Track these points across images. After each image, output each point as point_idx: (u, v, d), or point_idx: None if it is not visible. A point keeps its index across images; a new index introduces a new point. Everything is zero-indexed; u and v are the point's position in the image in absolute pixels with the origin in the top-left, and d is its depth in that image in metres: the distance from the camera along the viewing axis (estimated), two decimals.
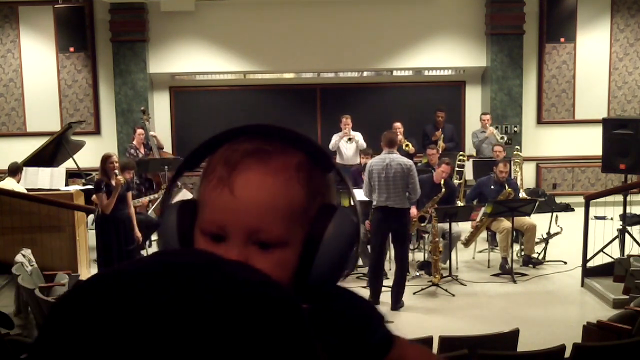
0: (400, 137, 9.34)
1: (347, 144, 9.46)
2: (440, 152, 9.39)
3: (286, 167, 0.85)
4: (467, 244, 7.50)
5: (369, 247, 6.90)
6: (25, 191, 7.22)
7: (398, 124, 9.40)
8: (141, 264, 0.57)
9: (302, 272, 0.85)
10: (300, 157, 0.87)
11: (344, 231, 0.87)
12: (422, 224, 7.20)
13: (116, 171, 6.49)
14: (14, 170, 7.37)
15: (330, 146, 9.52)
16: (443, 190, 7.14)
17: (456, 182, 8.99)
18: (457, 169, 9.24)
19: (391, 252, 6.77)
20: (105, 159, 7.44)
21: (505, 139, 9.64)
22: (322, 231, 0.86)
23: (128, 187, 6.69)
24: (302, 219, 0.86)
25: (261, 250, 0.84)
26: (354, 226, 0.89)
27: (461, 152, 9.43)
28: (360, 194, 6.83)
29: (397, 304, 6.17)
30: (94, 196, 6.76)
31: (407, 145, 9.27)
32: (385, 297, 6.29)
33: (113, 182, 6.40)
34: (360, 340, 0.95)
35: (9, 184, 7.16)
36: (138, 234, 6.60)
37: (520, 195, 7.94)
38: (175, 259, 0.58)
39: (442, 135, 9.78)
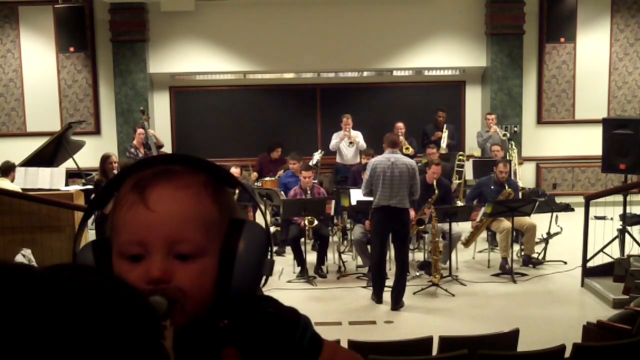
0: (401, 137, 9.35)
1: (349, 147, 9.47)
2: (446, 149, 9.43)
3: (194, 183, 0.90)
4: (467, 244, 7.50)
5: (369, 247, 6.91)
6: (20, 190, 7.22)
7: (400, 124, 9.42)
8: None
9: (222, 284, 0.90)
10: (204, 176, 0.92)
11: (256, 241, 0.92)
12: (421, 227, 7.20)
13: (115, 171, 6.49)
14: (6, 170, 7.37)
15: (331, 147, 9.53)
16: (436, 191, 7.14)
17: (456, 182, 9.00)
18: (456, 168, 9.24)
19: (391, 252, 6.77)
20: (105, 159, 7.45)
21: (508, 135, 9.66)
22: (236, 244, 0.90)
23: None
24: (216, 232, 0.90)
25: (182, 262, 0.87)
26: (265, 234, 0.94)
27: (460, 152, 9.43)
28: (359, 193, 6.85)
29: (397, 304, 6.17)
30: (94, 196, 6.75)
31: (407, 149, 9.27)
32: (386, 296, 6.30)
33: None
34: (285, 351, 0.96)
35: (3, 183, 7.15)
36: None
37: (519, 183, 8.05)
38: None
39: (446, 132, 9.74)
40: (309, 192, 7.37)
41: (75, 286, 0.57)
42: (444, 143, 9.59)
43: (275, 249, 7.92)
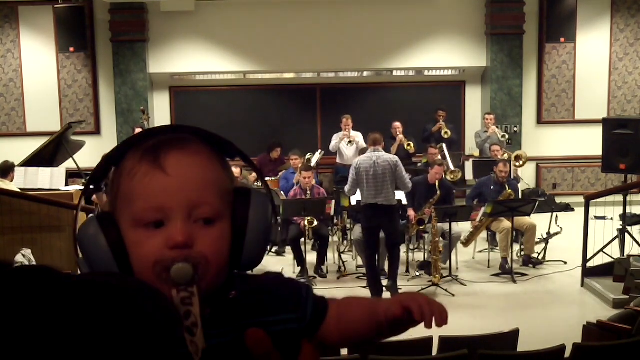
0: (400, 136, 9.36)
1: (348, 146, 9.48)
2: (449, 134, 9.47)
3: (204, 150, 0.90)
4: (466, 243, 7.48)
5: None
6: (18, 190, 7.21)
7: (397, 124, 9.43)
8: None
9: (235, 252, 0.90)
10: (208, 145, 0.93)
11: (264, 210, 0.93)
12: (421, 227, 7.21)
13: None
14: (6, 170, 7.36)
15: (331, 148, 9.53)
16: (438, 193, 7.13)
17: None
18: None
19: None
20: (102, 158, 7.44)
21: (507, 137, 9.65)
22: (247, 212, 0.91)
23: None
24: (227, 199, 0.90)
25: (203, 227, 0.87)
26: (270, 204, 0.95)
27: (439, 145, 9.26)
28: (358, 194, 6.85)
29: (393, 285, 6.26)
30: (94, 196, 6.74)
31: (408, 145, 9.27)
32: (385, 296, 6.30)
33: None
34: (295, 315, 0.96)
35: (3, 186, 7.14)
36: None
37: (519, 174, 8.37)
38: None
39: (444, 124, 9.72)
40: (308, 192, 7.37)
41: (98, 288, 0.58)
42: (445, 135, 9.60)
43: (275, 249, 7.94)
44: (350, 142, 9.41)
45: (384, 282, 6.51)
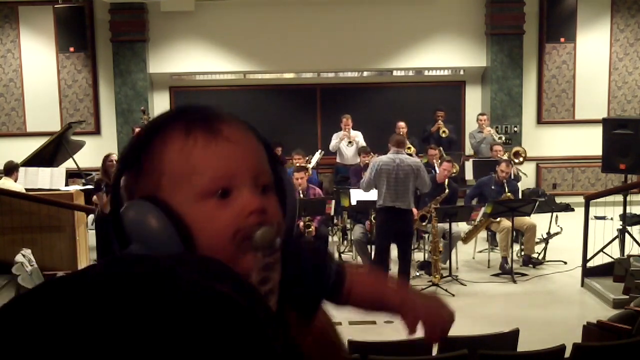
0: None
1: (348, 146, 9.48)
2: (448, 133, 9.48)
3: (242, 123, 0.89)
4: (465, 240, 7.45)
5: (369, 247, 6.92)
6: (24, 190, 7.22)
7: (402, 124, 9.42)
8: (95, 272, 0.56)
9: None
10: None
11: (293, 186, 0.95)
12: (423, 223, 7.20)
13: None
14: (10, 169, 7.37)
15: (331, 148, 9.54)
16: (447, 191, 7.13)
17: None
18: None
19: (393, 253, 6.77)
20: (105, 158, 7.46)
21: (503, 138, 9.65)
22: (284, 189, 0.90)
23: None
24: None
25: (265, 195, 0.84)
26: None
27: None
28: (359, 193, 6.85)
29: None
30: (94, 196, 6.76)
31: (408, 148, 9.26)
32: None
33: None
34: (318, 284, 0.97)
35: (7, 183, 7.15)
36: None
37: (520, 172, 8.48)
38: (132, 268, 0.56)
39: (443, 123, 9.74)
40: (301, 194, 7.29)
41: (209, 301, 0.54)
42: (444, 134, 9.62)
43: None
44: (350, 142, 9.42)
45: None
